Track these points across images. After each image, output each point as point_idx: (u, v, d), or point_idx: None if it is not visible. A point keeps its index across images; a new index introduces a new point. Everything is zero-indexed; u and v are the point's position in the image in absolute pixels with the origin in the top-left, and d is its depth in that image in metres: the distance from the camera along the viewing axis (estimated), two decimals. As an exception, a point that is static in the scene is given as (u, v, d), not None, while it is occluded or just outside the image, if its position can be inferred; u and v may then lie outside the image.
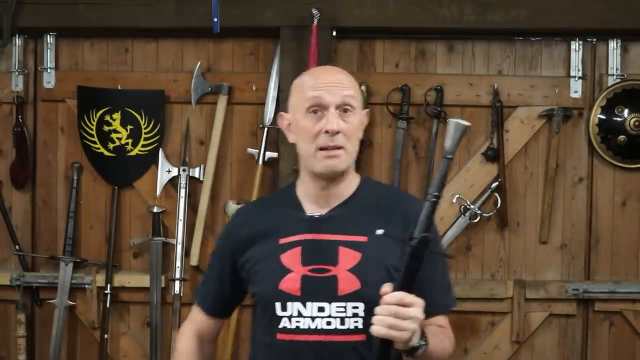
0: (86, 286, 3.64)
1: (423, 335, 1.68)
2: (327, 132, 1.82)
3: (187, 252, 3.60)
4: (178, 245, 3.59)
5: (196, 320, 2.08)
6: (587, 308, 3.62)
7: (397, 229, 1.83)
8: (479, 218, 3.59)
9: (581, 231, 3.62)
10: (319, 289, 1.82)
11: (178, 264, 3.58)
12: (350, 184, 1.93)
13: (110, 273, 3.61)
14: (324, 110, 1.84)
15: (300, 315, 1.82)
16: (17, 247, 3.70)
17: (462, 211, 3.60)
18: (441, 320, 1.89)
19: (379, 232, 1.69)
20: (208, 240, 3.58)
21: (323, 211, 1.90)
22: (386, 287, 1.64)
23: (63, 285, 3.61)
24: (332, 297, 1.81)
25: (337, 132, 1.83)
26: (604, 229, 3.62)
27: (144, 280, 3.63)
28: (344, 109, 1.85)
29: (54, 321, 3.62)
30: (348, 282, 1.81)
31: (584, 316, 3.62)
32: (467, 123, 1.62)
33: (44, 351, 3.68)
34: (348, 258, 1.83)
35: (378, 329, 1.62)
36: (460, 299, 3.56)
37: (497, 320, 3.62)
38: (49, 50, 3.69)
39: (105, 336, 3.59)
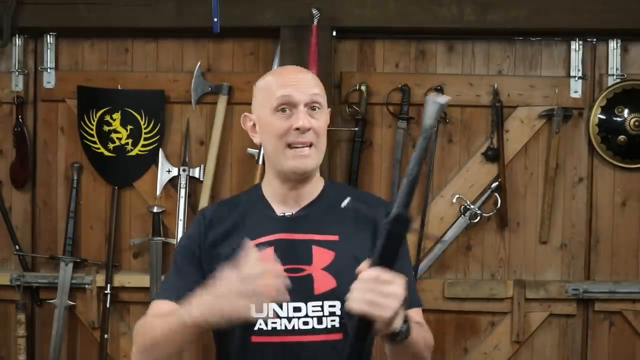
0: (86, 286, 3.64)
1: (405, 321, 1.62)
2: (297, 129, 1.81)
3: (187, 252, 3.59)
4: (178, 245, 3.59)
5: (162, 309, 1.85)
6: (587, 308, 3.62)
7: (366, 229, 1.83)
8: (479, 218, 3.59)
9: (581, 231, 3.62)
10: (294, 289, 1.76)
11: (178, 264, 3.58)
12: (317, 185, 1.93)
13: (110, 273, 3.62)
14: (293, 109, 1.82)
15: (276, 316, 1.79)
16: (17, 247, 3.70)
17: (462, 211, 3.60)
18: (416, 316, 1.84)
19: (345, 202, 1.64)
20: (208, 240, 3.58)
21: (293, 211, 1.89)
22: (363, 265, 1.56)
23: (63, 285, 3.61)
24: (309, 296, 1.79)
25: (308, 129, 1.81)
26: (604, 229, 3.62)
27: (144, 280, 3.63)
28: (312, 106, 1.84)
29: (54, 321, 3.62)
30: (324, 281, 1.80)
31: (584, 316, 3.62)
32: (442, 100, 1.53)
33: (44, 351, 3.68)
34: (322, 257, 1.82)
35: (357, 305, 1.53)
36: (460, 299, 3.59)
37: (497, 320, 3.62)
38: (49, 50, 3.69)
39: (105, 336, 3.59)
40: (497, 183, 3.58)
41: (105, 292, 3.60)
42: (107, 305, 3.60)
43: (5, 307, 3.75)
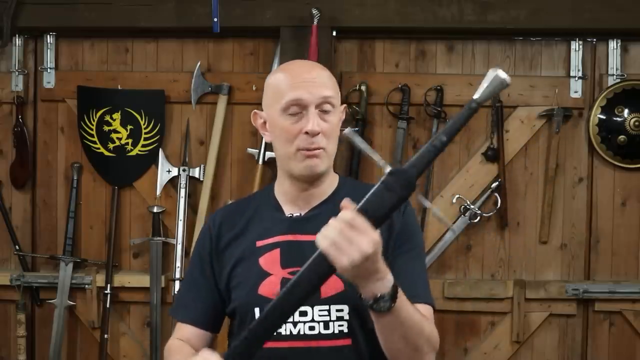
0: (86, 286, 3.64)
1: (393, 292, 1.51)
2: (306, 133, 1.74)
3: (187, 252, 3.59)
4: (178, 245, 3.59)
5: (185, 336, 1.85)
6: (587, 308, 3.62)
7: (381, 229, 1.78)
8: (479, 218, 3.59)
9: (581, 231, 3.62)
10: None
11: (178, 264, 3.58)
12: (330, 184, 1.85)
13: (110, 273, 3.61)
14: (303, 110, 1.75)
15: None
16: (17, 247, 3.70)
17: (462, 211, 3.59)
18: (422, 309, 1.70)
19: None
20: (208, 240, 3.58)
21: (302, 211, 1.82)
22: (346, 202, 1.47)
23: (63, 285, 3.61)
24: (315, 300, 1.71)
25: (318, 133, 1.74)
26: (604, 229, 3.62)
27: (144, 280, 3.63)
28: (323, 108, 1.76)
29: (54, 321, 3.62)
30: (331, 284, 1.69)
31: (584, 316, 3.62)
32: (506, 77, 1.42)
33: (44, 351, 3.68)
34: None
35: (321, 241, 1.45)
36: (460, 299, 3.59)
37: (497, 320, 3.62)
38: (49, 50, 3.69)
39: (105, 336, 3.59)
40: (497, 183, 3.58)
41: (105, 292, 3.60)
42: (107, 305, 3.60)
43: (5, 307, 3.75)
